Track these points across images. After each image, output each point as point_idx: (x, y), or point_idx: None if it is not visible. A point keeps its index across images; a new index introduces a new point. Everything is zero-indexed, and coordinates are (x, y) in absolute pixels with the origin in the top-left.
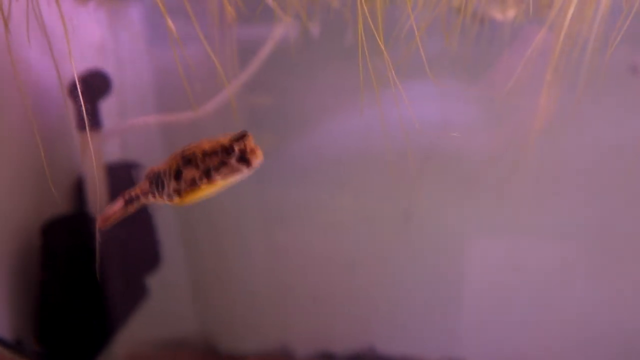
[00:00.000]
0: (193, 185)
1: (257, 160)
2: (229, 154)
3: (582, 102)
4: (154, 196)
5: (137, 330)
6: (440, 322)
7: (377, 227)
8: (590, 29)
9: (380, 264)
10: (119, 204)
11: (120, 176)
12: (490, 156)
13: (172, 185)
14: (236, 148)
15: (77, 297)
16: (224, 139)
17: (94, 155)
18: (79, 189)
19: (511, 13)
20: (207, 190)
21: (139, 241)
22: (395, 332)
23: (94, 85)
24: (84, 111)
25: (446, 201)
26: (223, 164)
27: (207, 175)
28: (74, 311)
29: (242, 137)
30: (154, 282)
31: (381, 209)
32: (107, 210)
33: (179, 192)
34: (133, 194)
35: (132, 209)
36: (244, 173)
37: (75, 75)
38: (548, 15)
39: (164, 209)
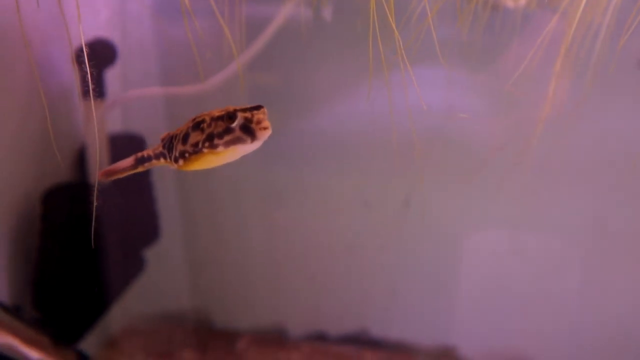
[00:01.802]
0: (196, 149)
1: (263, 133)
2: (232, 121)
3: (590, 95)
4: (165, 159)
5: (133, 302)
6: (435, 309)
7: (376, 212)
8: (602, 20)
9: (377, 249)
10: (128, 161)
11: (123, 146)
12: (494, 146)
13: (179, 148)
14: (240, 115)
15: (75, 266)
16: (235, 107)
17: (97, 125)
18: (80, 157)
19: (523, 0)
20: (211, 157)
21: (138, 213)
22: (388, 317)
23: (100, 54)
24: (90, 79)
25: (446, 189)
26: (227, 131)
27: (210, 140)
28: (71, 280)
29: (252, 108)
30: (151, 255)
31: (381, 194)
32: (114, 165)
33: (184, 156)
34: (145, 154)
35: (141, 168)
36: (248, 145)
37: (83, 42)
38: (560, 3)
39: (165, 183)
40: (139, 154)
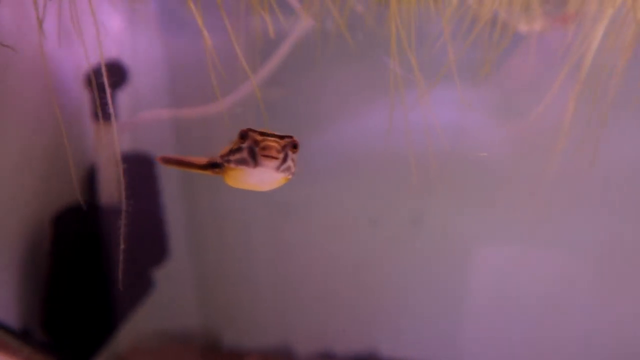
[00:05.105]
0: (222, 160)
1: (264, 160)
2: (243, 140)
3: (604, 119)
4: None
5: (142, 322)
6: (443, 328)
7: (385, 230)
8: (618, 46)
9: (385, 267)
10: (201, 160)
11: (133, 168)
12: (504, 166)
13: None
14: (250, 135)
15: (84, 288)
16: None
17: (108, 147)
18: (91, 179)
19: (537, 25)
20: (233, 174)
21: (148, 234)
22: (397, 336)
23: (111, 76)
24: (101, 102)
25: (455, 208)
26: (238, 149)
27: (228, 154)
28: (80, 301)
29: (278, 135)
30: (160, 274)
31: (389, 211)
32: (185, 157)
33: (222, 165)
34: (219, 161)
35: (209, 172)
36: (251, 170)
37: (89, 66)
38: (574, 29)
39: (174, 204)
40: (214, 158)
